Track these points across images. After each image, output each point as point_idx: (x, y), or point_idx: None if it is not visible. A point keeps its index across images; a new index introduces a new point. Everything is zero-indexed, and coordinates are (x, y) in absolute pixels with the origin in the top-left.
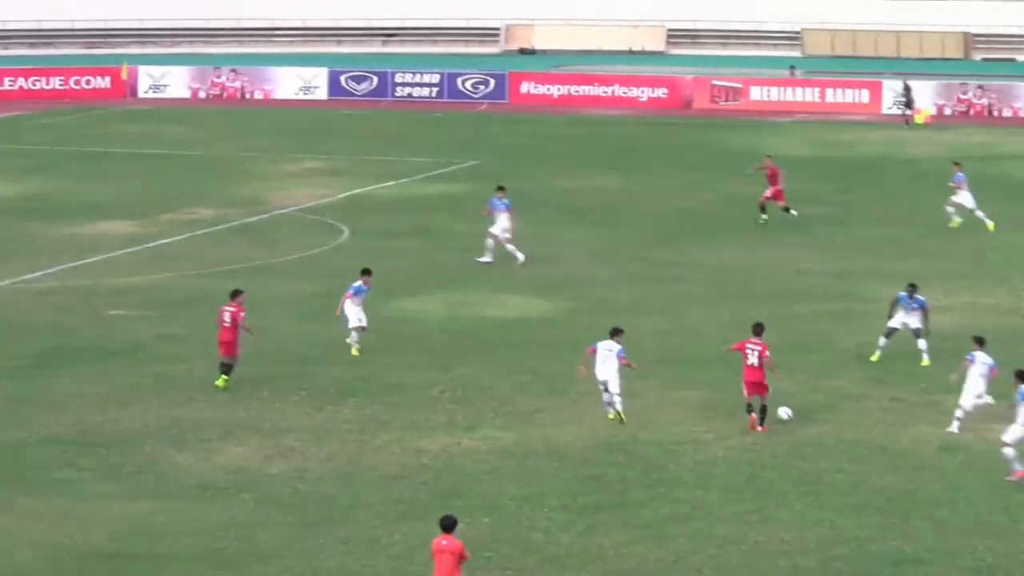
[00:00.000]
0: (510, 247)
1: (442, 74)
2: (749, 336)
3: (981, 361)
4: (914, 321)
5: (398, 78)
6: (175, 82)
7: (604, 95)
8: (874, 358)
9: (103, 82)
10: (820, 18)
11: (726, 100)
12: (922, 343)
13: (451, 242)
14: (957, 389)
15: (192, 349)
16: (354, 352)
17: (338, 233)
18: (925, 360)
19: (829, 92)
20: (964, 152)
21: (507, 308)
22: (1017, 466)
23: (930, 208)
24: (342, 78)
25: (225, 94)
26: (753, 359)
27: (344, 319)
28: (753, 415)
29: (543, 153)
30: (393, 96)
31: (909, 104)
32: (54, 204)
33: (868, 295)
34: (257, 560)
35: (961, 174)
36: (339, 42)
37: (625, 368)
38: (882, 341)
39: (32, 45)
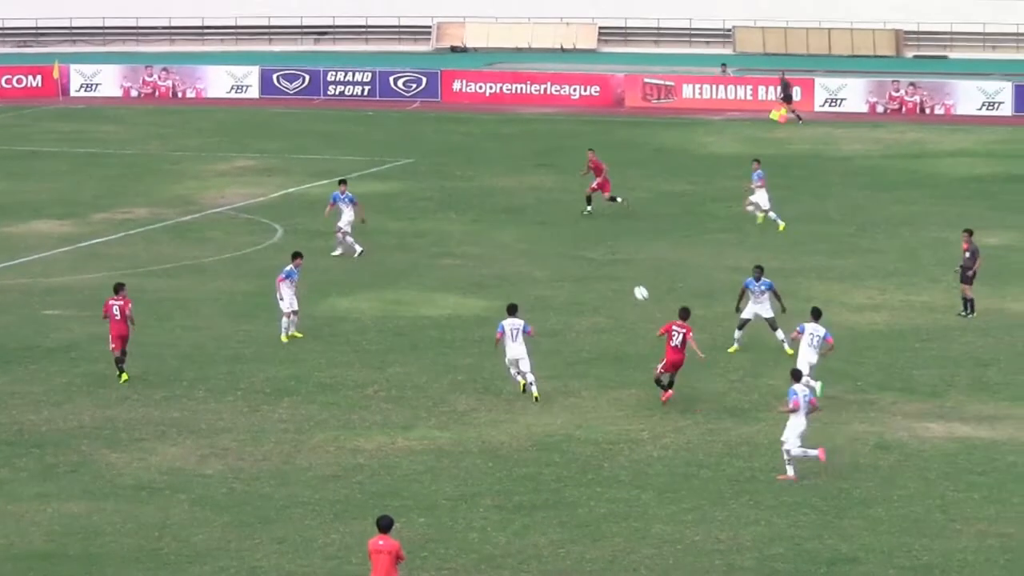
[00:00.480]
0: (349, 239)
1: (374, 72)
2: (675, 319)
3: (811, 332)
4: (765, 311)
5: (330, 76)
6: (107, 81)
7: (536, 93)
8: (732, 350)
9: (35, 81)
10: (752, 15)
11: (658, 98)
12: (779, 334)
13: (385, 241)
14: (892, 386)
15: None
16: (283, 338)
17: (271, 232)
18: (788, 350)
19: (761, 90)
20: (897, 150)
21: (442, 307)
22: (790, 470)
23: (864, 206)
24: (274, 76)
25: (157, 93)
26: (677, 340)
27: (278, 305)
28: (668, 392)
29: (476, 151)
30: (325, 95)
31: (788, 99)
32: None
33: (801, 293)
34: (193, 560)
35: (760, 172)
36: (271, 40)
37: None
38: (737, 334)
39: None
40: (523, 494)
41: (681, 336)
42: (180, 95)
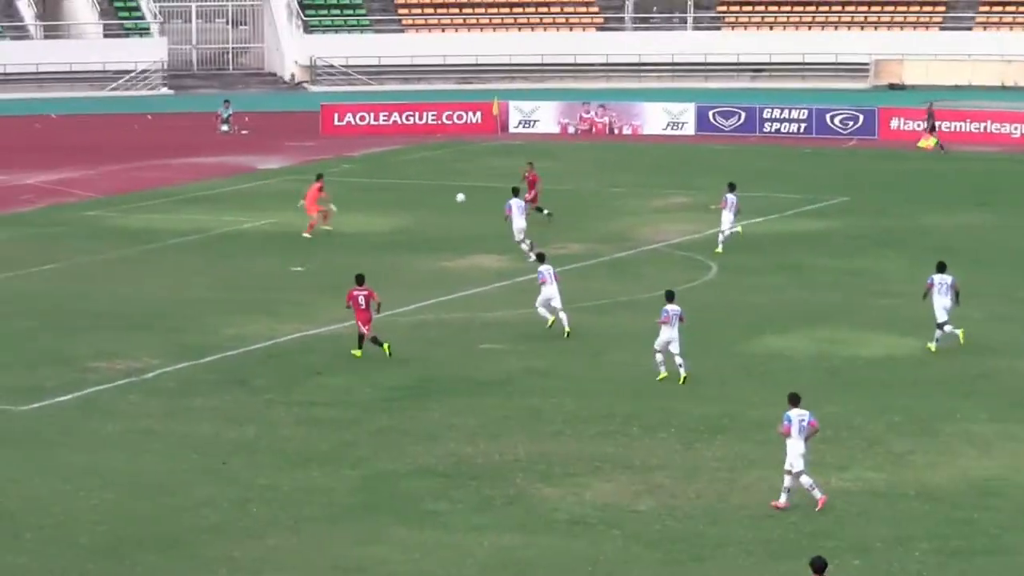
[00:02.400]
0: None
1: (810, 109)
2: None
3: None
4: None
5: (766, 113)
6: (544, 117)
7: (975, 131)
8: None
9: (474, 117)
10: None
11: None
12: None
13: (820, 279)
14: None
15: (560, 383)
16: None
17: (706, 269)
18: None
19: None
20: None
21: (876, 346)
22: (783, 497)
23: None
24: (710, 113)
25: (594, 129)
26: None
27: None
28: None
29: (912, 189)
30: (761, 131)
31: (933, 128)
32: (426, 237)
33: None
34: None
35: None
36: (707, 77)
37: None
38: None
39: (406, 80)
40: (960, 539)
41: None
42: (617, 131)
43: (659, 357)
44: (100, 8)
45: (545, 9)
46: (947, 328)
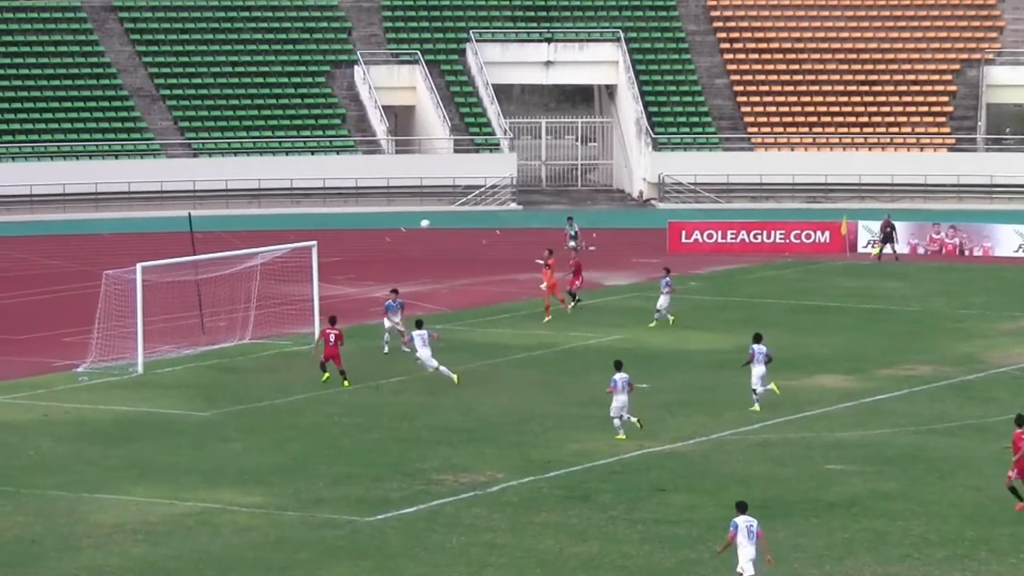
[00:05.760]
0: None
1: None
2: None
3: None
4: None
5: None
6: (897, 237)
7: None
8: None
9: (822, 236)
10: None
11: None
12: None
13: None
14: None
15: (907, 506)
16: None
17: None
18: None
19: None
20: None
21: None
22: None
23: None
24: None
25: (944, 250)
26: None
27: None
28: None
29: None
30: None
31: None
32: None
33: None
34: None
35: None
36: None
37: None
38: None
39: (754, 199)
40: None
41: None
42: (967, 252)
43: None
44: (451, 124)
45: (896, 129)
46: (759, 390)
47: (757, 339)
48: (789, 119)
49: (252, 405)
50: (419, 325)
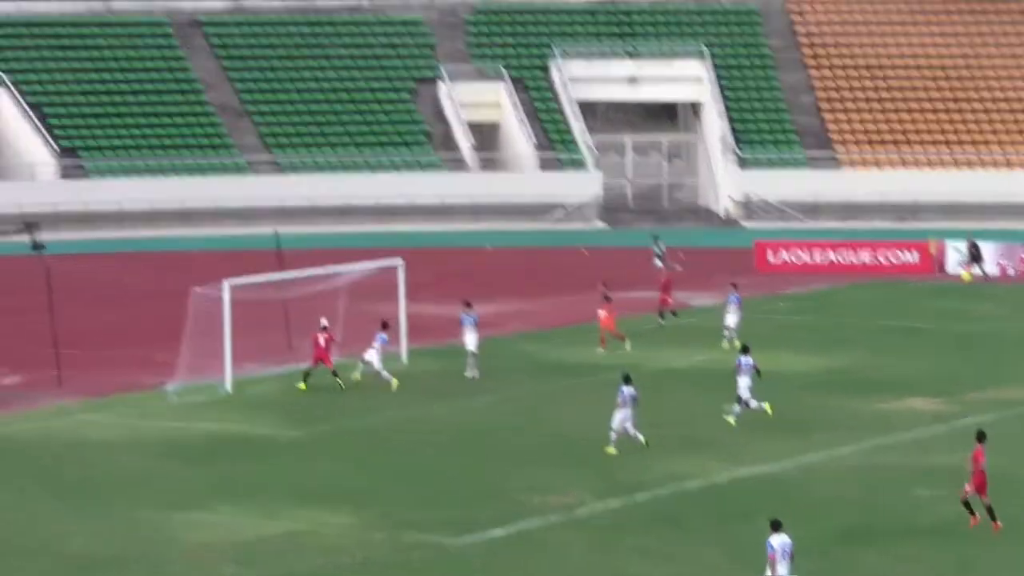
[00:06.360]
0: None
1: None
2: None
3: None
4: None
5: None
6: (985, 258)
7: None
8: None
9: (911, 256)
10: None
11: None
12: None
13: None
14: None
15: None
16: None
17: None
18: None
19: None
20: None
21: None
22: None
23: None
24: None
25: None
26: None
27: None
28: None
29: None
30: None
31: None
32: (861, 378)
33: None
34: None
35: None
36: None
37: None
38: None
39: (842, 218)
40: None
41: None
42: None
43: None
44: (536, 141)
45: (985, 147)
46: (752, 404)
47: (744, 351)
48: (876, 136)
49: (341, 424)
50: (384, 327)
